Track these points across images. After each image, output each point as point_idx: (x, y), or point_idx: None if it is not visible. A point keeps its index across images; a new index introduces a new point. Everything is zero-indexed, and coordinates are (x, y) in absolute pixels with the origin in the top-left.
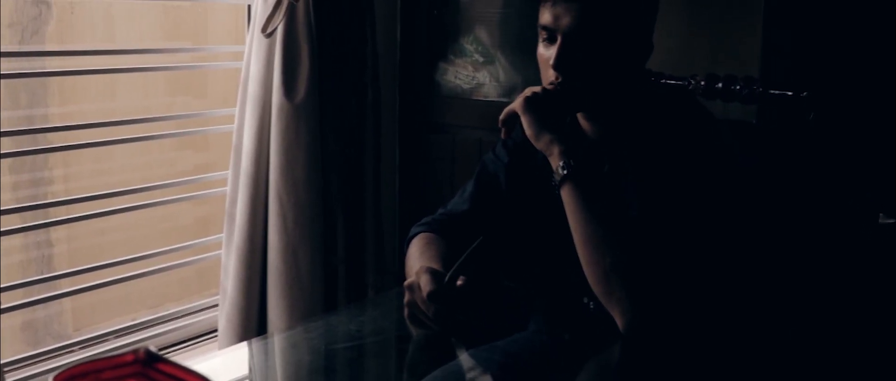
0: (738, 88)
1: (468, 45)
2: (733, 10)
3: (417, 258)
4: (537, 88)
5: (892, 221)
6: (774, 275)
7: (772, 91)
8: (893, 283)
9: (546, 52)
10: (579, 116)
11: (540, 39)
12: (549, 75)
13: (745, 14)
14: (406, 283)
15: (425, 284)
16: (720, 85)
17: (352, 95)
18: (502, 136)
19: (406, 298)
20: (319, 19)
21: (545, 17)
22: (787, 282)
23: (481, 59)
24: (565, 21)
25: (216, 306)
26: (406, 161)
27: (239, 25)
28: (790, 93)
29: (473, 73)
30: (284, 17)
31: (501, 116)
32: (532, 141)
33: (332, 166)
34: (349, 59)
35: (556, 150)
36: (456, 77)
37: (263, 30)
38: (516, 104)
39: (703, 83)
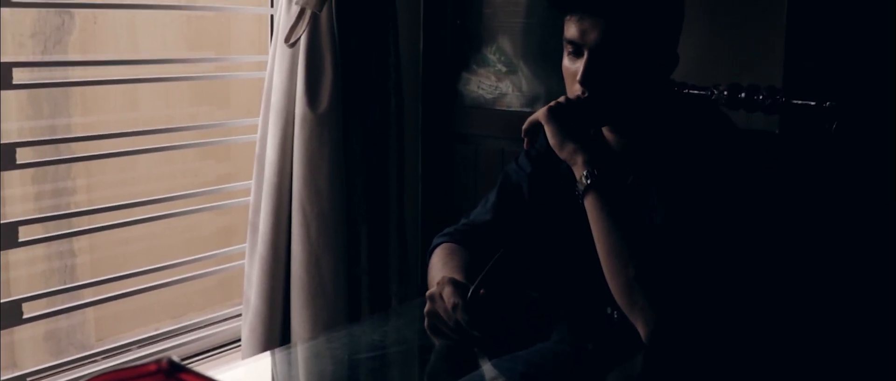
0: (760, 97)
1: (491, 54)
2: (756, 20)
3: (440, 269)
4: (561, 99)
5: None
6: (797, 284)
7: (794, 101)
8: None
9: (572, 66)
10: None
11: (565, 52)
12: (574, 88)
13: (767, 24)
14: (428, 293)
15: (448, 295)
16: (743, 95)
17: (375, 104)
18: (525, 145)
19: (427, 307)
20: (342, 29)
21: (571, 31)
22: (810, 291)
23: (504, 69)
24: (592, 36)
25: (239, 315)
26: (429, 171)
27: (262, 35)
28: (813, 103)
29: (496, 82)
30: (307, 27)
31: (524, 126)
32: (556, 150)
33: (356, 176)
34: (372, 68)
35: (579, 159)
36: (479, 87)
37: (286, 40)
38: (540, 114)
39: (725, 93)
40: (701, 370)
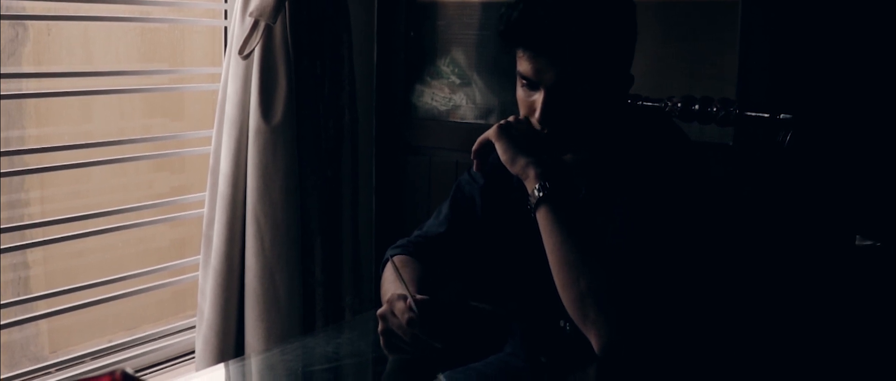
0: (714, 109)
1: (445, 67)
2: (710, 32)
3: (392, 282)
4: (511, 118)
5: (868, 243)
6: (750, 296)
7: (748, 113)
8: (870, 304)
9: (527, 98)
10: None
11: (519, 83)
12: (532, 119)
13: (721, 36)
14: (379, 312)
15: (400, 311)
16: (697, 107)
17: (329, 117)
18: (474, 167)
19: (380, 327)
20: (296, 41)
21: (524, 66)
22: (763, 303)
23: (458, 82)
24: (549, 76)
25: (193, 327)
26: (383, 183)
27: (216, 47)
28: (766, 115)
29: (450, 95)
30: (261, 39)
31: (474, 146)
32: (508, 166)
33: (310, 188)
34: (326, 80)
35: (531, 172)
36: (433, 99)
37: (240, 52)
38: (490, 132)
39: (679, 105)
40: None
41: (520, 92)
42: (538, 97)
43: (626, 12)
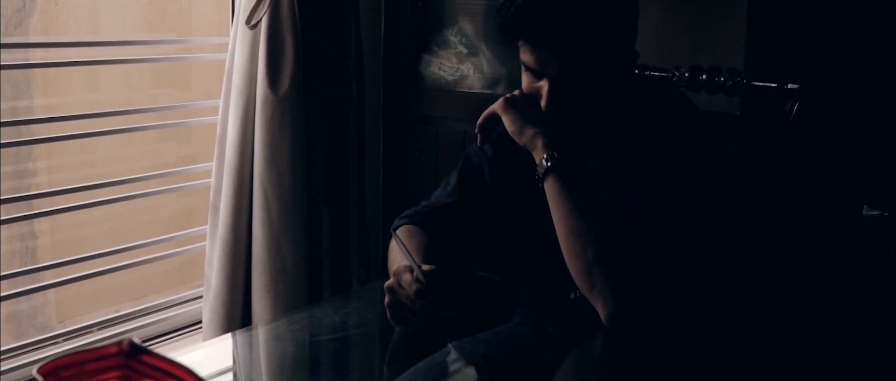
0: (722, 79)
1: (452, 36)
2: (718, 1)
3: (398, 254)
4: (517, 92)
5: (876, 212)
6: (758, 267)
7: (755, 83)
8: (877, 274)
9: (532, 85)
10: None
11: (523, 70)
12: (541, 105)
13: (729, 5)
14: (386, 285)
15: (408, 283)
16: (704, 77)
17: (336, 87)
18: (478, 142)
19: (387, 300)
20: (304, 11)
21: (527, 57)
22: (771, 274)
23: (465, 51)
24: (552, 68)
25: (200, 297)
26: (390, 153)
27: (223, 17)
28: (774, 85)
29: (457, 64)
30: (268, 9)
31: (480, 121)
32: (515, 138)
33: (317, 158)
34: (333, 50)
35: (539, 143)
36: (440, 69)
37: (247, 21)
38: (496, 105)
39: (686, 75)
40: (661, 352)
41: (524, 79)
42: (543, 85)
43: None
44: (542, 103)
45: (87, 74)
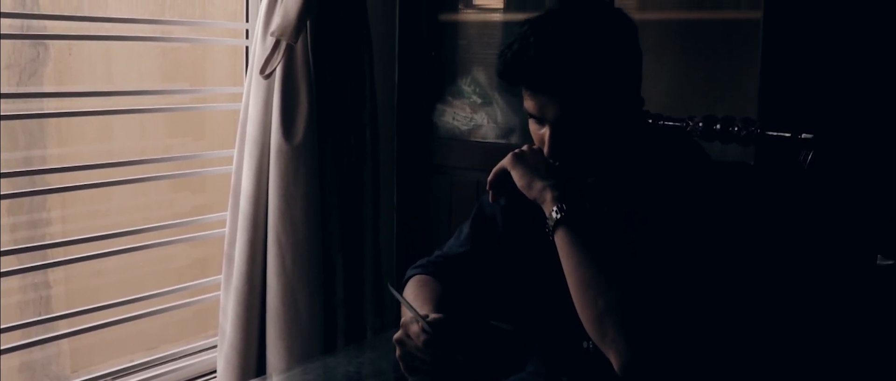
0: (735, 129)
1: (466, 86)
2: (731, 52)
3: (411, 302)
4: (525, 147)
5: (890, 262)
6: (771, 316)
7: (769, 132)
8: (892, 324)
9: (538, 130)
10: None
11: (530, 118)
12: (545, 151)
13: (743, 55)
14: (395, 338)
15: (416, 334)
16: (718, 126)
17: (350, 136)
18: (491, 199)
19: (398, 352)
20: (318, 60)
21: (528, 103)
22: (784, 323)
23: (479, 101)
24: (551, 112)
25: (215, 347)
26: (404, 202)
27: (237, 67)
28: (788, 134)
29: (471, 114)
30: (283, 59)
31: (490, 177)
32: (524, 192)
33: (331, 208)
34: (347, 100)
35: (548, 196)
36: (454, 119)
37: (262, 71)
38: (505, 161)
39: (700, 125)
40: None
41: (531, 125)
42: (546, 131)
43: (623, 39)
44: (545, 150)
45: (101, 123)
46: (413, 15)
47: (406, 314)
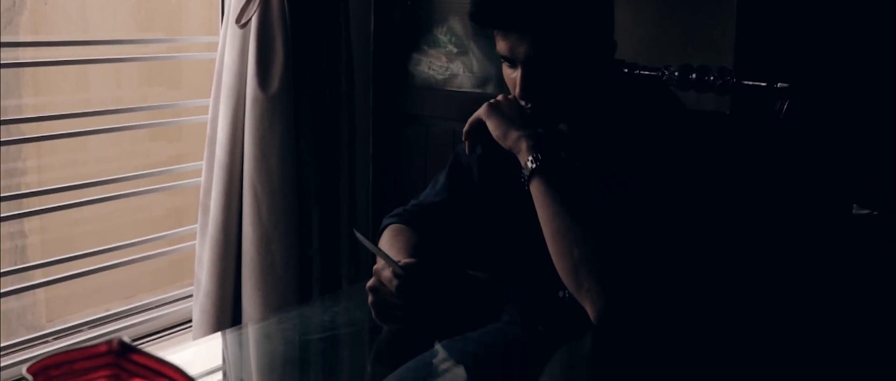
0: (711, 78)
1: (442, 36)
2: (707, 1)
3: (386, 251)
4: (500, 97)
5: (865, 212)
6: (747, 265)
7: (745, 82)
8: (866, 274)
9: (511, 74)
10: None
11: (503, 63)
12: (516, 92)
13: (719, 4)
14: (368, 285)
15: (388, 279)
16: (694, 76)
17: (326, 86)
18: (466, 150)
19: (371, 299)
20: (293, 10)
21: (500, 45)
22: (760, 272)
23: (455, 50)
24: (521, 50)
25: (190, 296)
26: (380, 152)
27: (213, 16)
28: (764, 84)
29: (447, 63)
30: (258, 8)
31: (465, 127)
32: (500, 142)
33: (307, 157)
34: (323, 49)
35: (523, 145)
36: (430, 68)
37: (238, 20)
38: (480, 111)
39: (676, 74)
40: (650, 350)
41: (504, 71)
42: (517, 72)
43: None
44: (517, 90)
45: (77, 73)
46: None
47: (379, 262)
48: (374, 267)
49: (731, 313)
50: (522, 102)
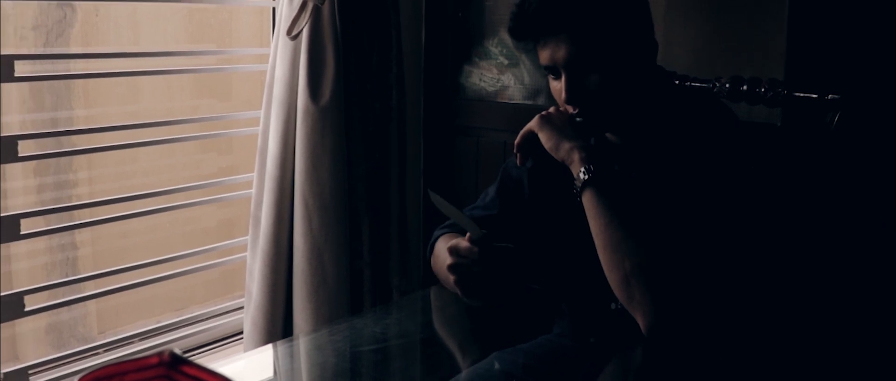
0: (762, 90)
1: (493, 47)
2: (759, 12)
3: (443, 257)
4: (552, 109)
5: None
6: (800, 277)
7: (796, 94)
8: None
9: (556, 85)
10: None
11: (548, 76)
12: (565, 107)
13: (770, 15)
14: (448, 264)
15: (467, 249)
16: (745, 87)
17: (377, 97)
18: (518, 162)
19: (453, 279)
20: (344, 21)
21: (543, 57)
22: (812, 284)
23: (506, 62)
24: (561, 55)
25: (241, 308)
26: (430, 164)
27: (264, 28)
28: (815, 95)
29: (498, 75)
30: (309, 20)
31: (517, 140)
32: (552, 153)
33: (358, 169)
34: (374, 61)
35: (576, 156)
36: (480, 79)
37: (288, 32)
38: (532, 123)
39: (727, 86)
40: (701, 362)
41: (551, 84)
42: (562, 81)
43: None
44: (563, 97)
45: (128, 84)
46: None
47: (442, 268)
48: (448, 246)
49: (782, 325)
50: (570, 109)
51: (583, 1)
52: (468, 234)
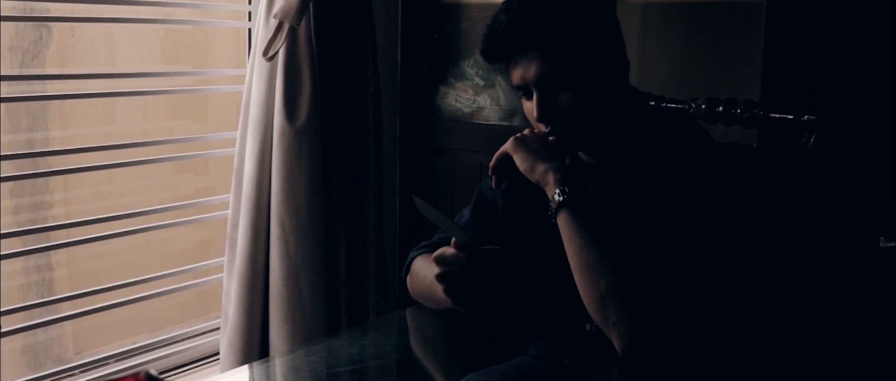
0: (738, 111)
1: (469, 68)
2: (734, 34)
3: (427, 269)
4: (526, 131)
5: (892, 244)
6: (774, 297)
7: (772, 114)
8: (894, 306)
9: (528, 105)
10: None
11: (521, 97)
12: (538, 127)
13: (746, 37)
14: (436, 275)
15: (453, 255)
16: (721, 108)
17: (353, 118)
18: (493, 184)
19: (442, 287)
20: (321, 42)
21: (515, 77)
22: (786, 305)
23: (482, 83)
24: (532, 73)
25: (217, 329)
26: (407, 184)
27: (240, 49)
28: (791, 116)
29: (474, 96)
30: (285, 41)
31: (492, 162)
32: (527, 175)
33: (334, 190)
34: (350, 82)
35: (550, 178)
36: (456, 100)
37: (265, 53)
38: (507, 145)
39: (703, 106)
40: None
41: (523, 105)
42: (534, 100)
43: None
44: (535, 115)
45: (104, 105)
46: None
47: (423, 284)
48: (434, 256)
49: (759, 346)
50: (543, 128)
51: (551, 19)
52: (452, 241)
